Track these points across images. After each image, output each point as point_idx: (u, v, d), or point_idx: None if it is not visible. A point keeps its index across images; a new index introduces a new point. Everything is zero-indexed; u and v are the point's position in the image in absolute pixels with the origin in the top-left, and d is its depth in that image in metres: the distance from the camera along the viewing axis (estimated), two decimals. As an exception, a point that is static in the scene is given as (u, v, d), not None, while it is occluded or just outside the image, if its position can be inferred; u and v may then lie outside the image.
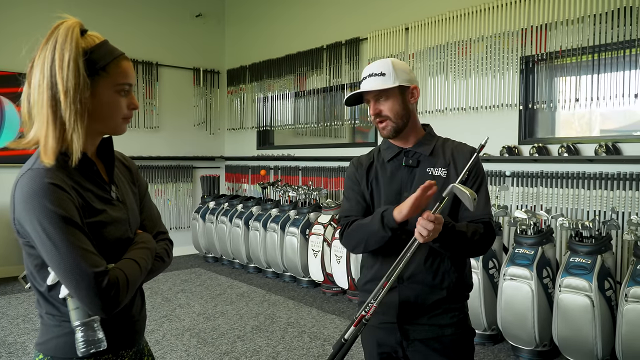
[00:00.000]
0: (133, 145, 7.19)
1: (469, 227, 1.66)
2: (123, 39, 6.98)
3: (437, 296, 1.76)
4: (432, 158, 1.80)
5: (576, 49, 4.07)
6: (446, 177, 1.75)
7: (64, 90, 1.17)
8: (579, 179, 4.08)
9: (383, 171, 1.86)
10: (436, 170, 1.77)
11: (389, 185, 1.83)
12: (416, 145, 1.82)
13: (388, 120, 1.75)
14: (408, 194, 1.73)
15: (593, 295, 3.30)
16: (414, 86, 1.80)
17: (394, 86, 1.73)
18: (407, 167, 1.80)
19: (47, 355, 1.27)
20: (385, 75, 1.73)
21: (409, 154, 1.81)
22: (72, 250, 1.13)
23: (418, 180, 1.77)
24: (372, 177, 1.88)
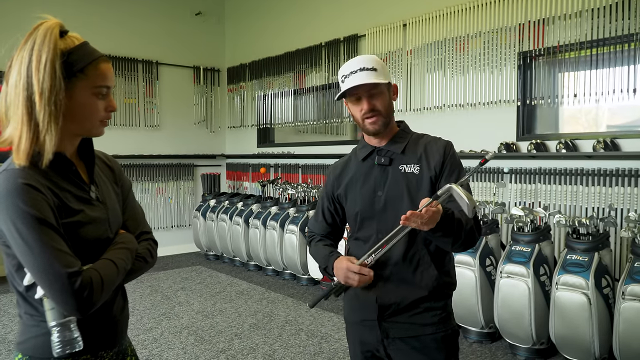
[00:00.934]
0: (134, 144, 7.22)
1: (462, 216, 1.65)
2: (123, 37, 7.07)
3: (417, 295, 1.74)
4: (404, 156, 1.79)
5: (574, 44, 4.03)
6: (419, 173, 1.75)
7: (39, 92, 1.16)
8: (577, 175, 4.05)
9: (358, 171, 1.86)
10: (409, 167, 1.76)
11: (364, 185, 1.83)
12: (389, 144, 1.81)
13: (379, 116, 1.74)
14: (382, 193, 1.78)
15: (590, 293, 3.28)
16: (394, 84, 1.83)
17: (386, 82, 1.74)
18: (380, 165, 1.80)
19: (26, 355, 1.27)
20: (377, 70, 1.72)
21: (381, 153, 1.81)
22: (45, 250, 1.13)
23: (391, 179, 1.77)
24: (348, 178, 1.88)
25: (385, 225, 1.76)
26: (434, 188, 1.73)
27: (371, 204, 1.79)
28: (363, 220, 1.82)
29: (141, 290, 5.52)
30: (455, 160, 1.78)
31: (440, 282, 1.75)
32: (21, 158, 1.17)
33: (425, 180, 1.74)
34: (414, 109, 5.22)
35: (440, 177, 1.74)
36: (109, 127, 6.99)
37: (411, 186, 1.74)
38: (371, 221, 1.80)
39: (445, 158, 1.75)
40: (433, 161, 1.75)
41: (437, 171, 1.74)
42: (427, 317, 1.75)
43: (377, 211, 1.78)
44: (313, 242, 2.00)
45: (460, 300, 3.91)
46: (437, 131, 1.92)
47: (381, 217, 1.78)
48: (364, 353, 1.85)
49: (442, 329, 1.76)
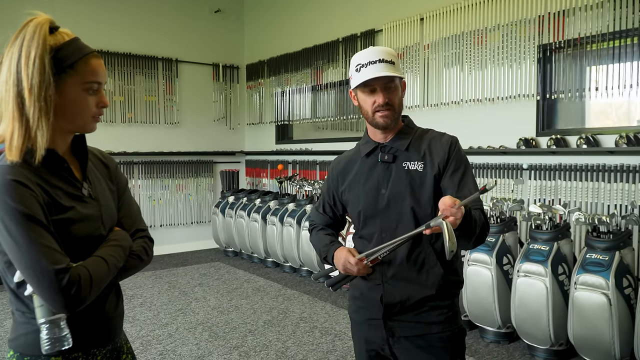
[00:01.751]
0: (154, 141, 7.29)
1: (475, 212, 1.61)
2: (143, 36, 7.14)
3: (423, 294, 1.71)
4: (408, 152, 1.75)
5: (595, 36, 3.91)
6: (423, 170, 1.71)
7: (29, 88, 1.16)
8: (599, 171, 3.92)
9: (361, 167, 1.83)
10: (413, 164, 1.72)
11: (367, 182, 1.80)
12: (392, 140, 1.77)
13: (392, 110, 1.70)
14: (385, 191, 1.74)
15: (610, 293, 3.17)
16: (404, 80, 1.78)
17: (401, 77, 1.71)
18: (383, 162, 1.76)
19: (17, 351, 1.27)
20: (394, 64, 1.68)
21: (385, 149, 1.77)
22: (32, 247, 1.12)
23: (395, 176, 1.74)
24: (352, 175, 1.85)
25: (388, 224, 1.73)
26: (438, 185, 1.70)
27: (374, 202, 1.76)
28: (366, 219, 1.79)
29: (159, 286, 5.57)
30: (460, 156, 1.73)
31: (446, 280, 1.71)
32: (14, 155, 1.17)
33: (429, 177, 1.70)
34: (431, 104, 5.14)
35: (445, 174, 1.70)
36: (130, 125, 7.12)
37: (415, 184, 1.71)
38: (374, 219, 1.77)
39: (449, 155, 1.71)
40: (437, 158, 1.71)
41: (441, 168, 1.70)
42: (433, 315, 1.72)
43: (380, 209, 1.75)
44: (314, 230, 1.99)
45: (477, 299, 3.83)
46: (455, 127, 1.88)
47: (384, 215, 1.74)
48: (369, 352, 1.82)
49: (448, 328, 1.73)
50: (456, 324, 1.75)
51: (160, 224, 7.43)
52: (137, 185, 7.20)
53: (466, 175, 1.71)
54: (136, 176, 7.20)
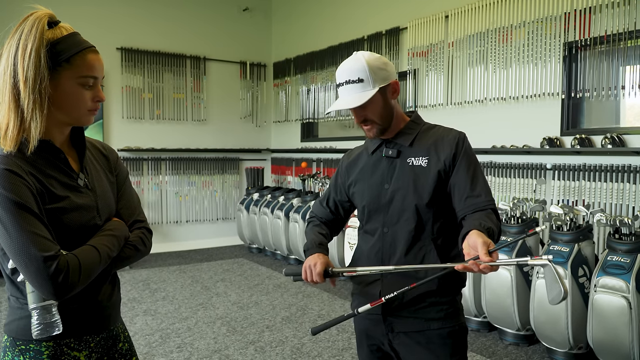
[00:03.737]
0: (181, 138, 7.40)
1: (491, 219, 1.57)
2: (172, 34, 7.26)
3: (422, 289, 1.68)
4: (412, 148, 1.73)
5: (623, 33, 3.80)
6: (427, 166, 1.69)
7: (24, 80, 1.20)
8: (624, 172, 3.82)
9: (367, 163, 1.83)
10: (417, 160, 1.71)
11: (371, 177, 1.79)
12: (397, 136, 1.76)
13: (373, 124, 1.71)
14: (389, 186, 1.73)
15: (630, 296, 3.09)
16: (393, 81, 1.72)
17: (374, 92, 1.65)
18: (388, 158, 1.76)
19: (10, 336, 1.31)
20: (363, 81, 1.65)
21: (389, 145, 1.76)
22: (22, 234, 1.15)
23: (399, 172, 1.72)
24: (358, 169, 1.85)
25: (390, 219, 1.72)
26: (442, 182, 1.67)
27: (378, 197, 1.76)
28: (370, 213, 1.79)
29: (182, 280, 5.66)
30: (469, 154, 1.70)
31: (447, 277, 1.67)
32: (9, 145, 1.21)
33: (433, 173, 1.68)
34: (455, 102, 5.08)
35: (454, 170, 1.67)
36: (158, 121, 7.23)
37: (417, 179, 1.69)
38: (378, 214, 1.77)
39: (457, 151, 1.68)
40: (443, 154, 1.68)
41: (447, 165, 1.67)
42: (433, 312, 1.70)
43: (383, 204, 1.74)
44: (311, 224, 1.99)
45: (496, 300, 3.78)
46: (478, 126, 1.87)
47: (387, 210, 1.74)
48: (370, 347, 1.82)
49: (448, 325, 1.70)
50: (457, 320, 1.73)
51: (186, 219, 7.55)
52: (164, 181, 7.33)
53: (477, 172, 1.68)
54: (163, 172, 7.33)
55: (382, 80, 1.67)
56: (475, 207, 1.62)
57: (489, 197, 1.65)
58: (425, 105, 5.36)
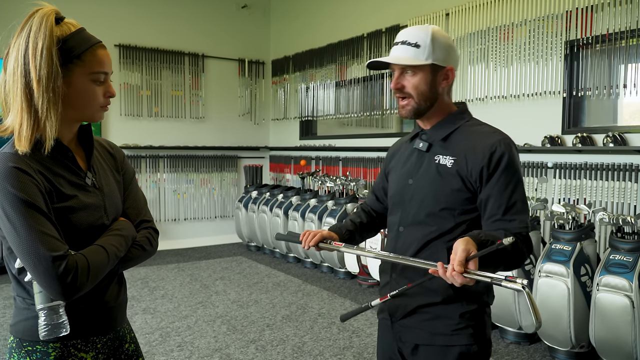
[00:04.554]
0: (179, 135, 7.37)
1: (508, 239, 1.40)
2: (170, 31, 7.22)
3: (427, 299, 1.56)
4: (445, 144, 1.57)
5: (625, 32, 3.79)
6: (451, 167, 1.53)
7: (37, 79, 1.18)
8: (626, 171, 3.82)
9: (403, 152, 1.72)
10: (444, 158, 1.55)
11: (402, 169, 1.68)
12: (433, 128, 1.60)
13: (410, 99, 1.55)
14: (412, 182, 1.62)
15: (633, 295, 3.09)
16: (449, 67, 1.55)
17: (425, 64, 1.51)
18: (418, 151, 1.62)
19: (17, 337, 1.29)
20: (419, 47, 1.50)
21: (423, 136, 1.62)
22: (30, 233, 1.14)
23: (424, 168, 1.59)
24: (396, 158, 1.75)
25: (406, 218, 1.62)
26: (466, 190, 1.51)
27: (401, 191, 1.65)
28: (393, 206, 1.70)
29: (181, 279, 5.64)
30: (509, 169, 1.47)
31: (456, 288, 1.50)
32: (23, 145, 1.19)
33: (456, 177, 1.51)
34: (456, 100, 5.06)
35: (485, 183, 1.48)
36: (156, 119, 7.20)
37: (438, 181, 1.54)
38: (397, 210, 1.66)
39: (489, 165, 1.47)
40: (471, 161, 1.50)
41: (475, 177, 1.49)
42: (438, 325, 1.55)
43: (404, 200, 1.63)
44: (357, 210, 1.91)
45: (498, 299, 3.74)
46: None
47: (405, 208, 1.62)
48: (383, 354, 1.73)
49: (457, 343, 1.54)
50: (471, 340, 1.54)
51: (184, 217, 7.52)
52: (162, 179, 7.30)
53: (514, 193, 1.47)
54: (161, 170, 7.30)
55: (440, 59, 1.52)
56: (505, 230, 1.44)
57: (523, 224, 1.47)
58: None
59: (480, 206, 1.51)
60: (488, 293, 1.59)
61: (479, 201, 1.51)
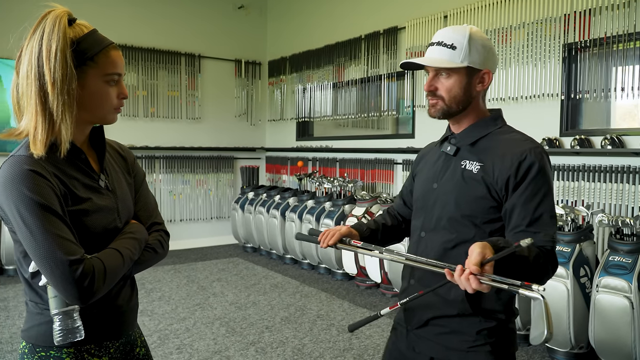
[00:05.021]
0: (175, 136, 7.35)
1: (530, 251, 1.34)
2: (166, 31, 7.20)
3: (443, 311, 1.52)
4: (472, 149, 1.53)
5: (622, 35, 3.82)
6: (477, 173, 1.48)
7: (52, 82, 1.16)
8: (624, 173, 3.84)
9: (432, 155, 1.68)
10: (470, 164, 1.50)
11: (428, 172, 1.65)
12: (463, 132, 1.56)
13: (440, 101, 1.51)
14: (437, 186, 1.58)
15: (632, 296, 3.12)
16: (485, 70, 1.50)
17: (460, 66, 1.47)
18: (446, 155, 1.58)
19: (30, 342, 1.27)
20: (455, 49, 1.46)
21: (452, 140, 1.58)
22: (47, 237, 1.12)
23: (450, 173, 1.55)
24: (425, 160, 1.72)
25: (429, 223, 1.58)
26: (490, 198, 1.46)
27: (425, 195, 1.61)
28: (416, 210, 1.67)
29: (178, 280, 5.62)
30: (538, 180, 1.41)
31: (472, 302, 1.47)
32: (38, 148, 1.17)
33: (481, 184, 1.46)
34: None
35: (512, 193, 1.43)
36: (152, 119, 7.16)
37: (462, 186, 1.50)
38: (420, 214, 1.63)
39: (517, 174, 1.42)
40: (498, 169, 1.44)
41: (500, 185, 1.44)
42: (454, 341, 1.51)
43: (428, 205, 1.59)
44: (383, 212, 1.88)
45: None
46: None
47: (428, 213, 1.59)
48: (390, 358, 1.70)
49: None
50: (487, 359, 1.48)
51: (180, 218, 7.49)
52: (158, 179, 7.27)
53: (541, 205, 1.41)
54: (157, 170, 7.26)
55: (476, 61, 1.48)
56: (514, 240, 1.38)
57: (548, 238, 1.40)
58: (424, 105, 5.36)
59: (505, 216, 1.45)
60: (508, 309, 1.51)
61: (503, 211, 1.45)
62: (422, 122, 5.57)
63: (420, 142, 5.56)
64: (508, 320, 1.52)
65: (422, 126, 5.57)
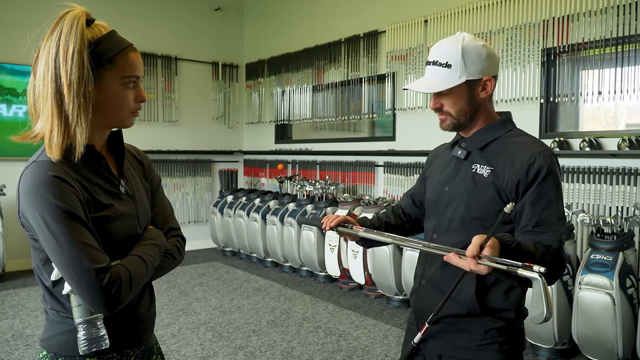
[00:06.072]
0: (152, 139, 7.24)
1: (537, 248, 1.37)
2: (142, 32, 7.11)
3: (452, 310, 1.55)
4: (483, 152, 1.55)
5: (599, 41, 3.96)
6: (488, 177, 1.51)
7: (68, 84, 1.14)
8: (602, 174, 3.97)
9: (444, 158, 1.70)
10: (481, 168, 1.53)
11: (439, 175, 1.67)
12: (474, 135, 1.58)
13: (448, 116, 1.55)
14: (448, 189, 1.61)
15: (614, 293, 3.22)
16: (486, 78, 1.52)
17: (458, 84, 1.49)
18: (457, 158, 1.61)
19: (51, 352, 1.25)
20: (450, 67, 1.48)
21: (463, 144, 1.61)
22: (73, 245, 1.10)
23: (461, 176, 1.58)
24: (436, 163, 1.75)
25: (441, 225, 1.61)
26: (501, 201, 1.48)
27: (437, 198, 1.64)
28: (429, 212, 1.69)
29: (158, 286, 5.55)
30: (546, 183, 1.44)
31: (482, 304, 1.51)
32: (54, 152, 1.15)
33: (491, 187, 1.49)
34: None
35: (522, 197, 1.45)
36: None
37: (473, 189, 1.53)
38: (433, 216, 1.66)
39: (527, 178, 1.44)
40: (508, 173, 1.47)
41: (510, 188, 1.47)
42: (463, 339, 1.55)
43: (440, 207, 1.62)
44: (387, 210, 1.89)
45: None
46: None
47: (441, 215, 1.62)
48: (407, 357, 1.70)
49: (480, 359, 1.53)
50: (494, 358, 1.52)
51: (158, 222, 7.38)
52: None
53: (549, 207, 1.44)
54: (134, 175, 7.14)
55: (474, 73, 1.50)
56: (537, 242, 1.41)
57: (555, 238, 1.43)
58: (405, 108, 5.43)
59: (515, 218, 1.48)
60: (516, 309, 1.54)
61: (513, 213, 1.47)
62: (403, 124, 5.64)
63: (401, 145, 5.64)
64: (517, 321, 1.55)
65: (403, 128, 5.64)
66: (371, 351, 3.76)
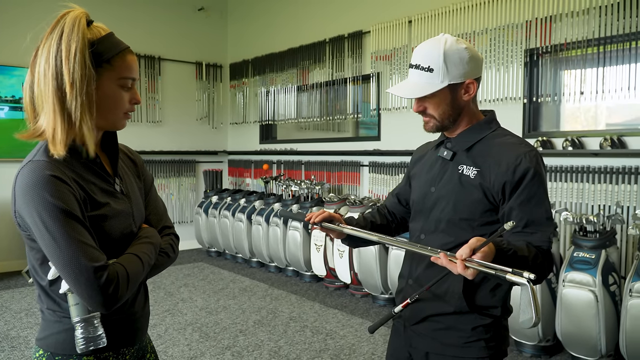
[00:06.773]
0: (135, 140, 7.18)
1: (530, 250, 1.39)
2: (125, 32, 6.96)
3: (440, 309, 1.57)
4: (468, 153, 1.55)
5: (581, 42, 4.02)
6: (474, 178, 1.51)
7: (70, 82, 1.15)
8: (584, 173, 4.04)
9: (429, 158, 1.70)
10: (467, 169, 1.53)
11: (425, 175, 1.67)
12: (459, 136, 1.58)
13: (431, 119, 1.55)
14: (434, 190, 1.61)
15: (597, 290, 3.28)
16: (469, 81, 1.51)
17: (440, 88, 1.49)
18: (442, 159, 1.61)
19: (47, 351, 1.25)
20: (433, 71, 1.48)
21: (448, 145, 1.60)
22: (71, 243, 1.11)
23: (447, 177, 1.58)
24: (421, 162, 1.74)
25: (428, 226, 1.61)
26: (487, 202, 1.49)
27: (423, 199, 1.64)
28: (415, 213, 1.69)
29: (144, 287, 5.51)
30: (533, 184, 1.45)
31: (470, 302, 1.53)
32: (59, 149, 1.16)
33: (478, 188, 1.50)
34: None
35: (505, 200, 1.46)
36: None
37: (460, 190, 1.53)
38: (419, 217, 1.66)
39: (513, 179, 1.45)
40: (494, 173, 1.47)
41: (496, 189, 1.47)
42: (451, 336, 1.56)
43: (426, 208, 1.62)
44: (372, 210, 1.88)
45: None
46: None
47: (428, 216, 1.62)
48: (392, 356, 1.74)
49: (467, 355, 1.54)
50: (481, 354, 1.54)
51: (141, 223, 7.33)
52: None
53: (536, 207, 1.45)
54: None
55: (456, 76, 1.49)
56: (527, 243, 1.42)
57: (544, 238, 1.45)
58: (389, 109, 5.47)
59: (503, 219, 1.48)
60: (502, 307, 1.56)
61: (501, 214, 1.48)
62: (388, 124, 5.67)
63: (386, 145, 5.67)
64: (503, 317, 1.57)
65: (388, 128, 5.67)
66: (358, 350, 3.77)
